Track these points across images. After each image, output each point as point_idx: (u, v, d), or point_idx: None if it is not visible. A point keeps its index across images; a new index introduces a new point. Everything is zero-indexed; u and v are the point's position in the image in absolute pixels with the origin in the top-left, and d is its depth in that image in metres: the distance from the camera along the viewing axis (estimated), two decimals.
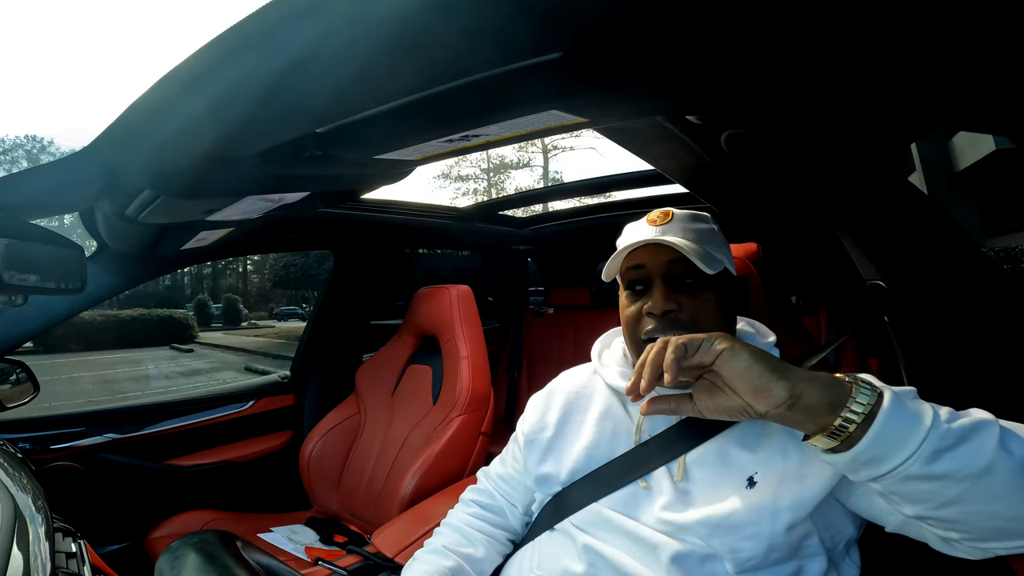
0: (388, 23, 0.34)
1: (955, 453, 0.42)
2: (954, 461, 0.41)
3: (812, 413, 0.45)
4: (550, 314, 2.34)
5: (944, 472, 0.41)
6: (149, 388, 8.87)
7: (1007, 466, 0.41)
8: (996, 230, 7.98)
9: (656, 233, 0.63)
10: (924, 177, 8.42)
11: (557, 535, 0.67)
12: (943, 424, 0.43)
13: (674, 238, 0.61)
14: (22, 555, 0.52)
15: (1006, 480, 0.41)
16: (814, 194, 0.71)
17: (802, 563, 0.55)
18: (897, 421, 0.42)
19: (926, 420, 0.42)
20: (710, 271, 0.60)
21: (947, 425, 0.43)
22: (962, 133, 7.41)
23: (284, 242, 1.65)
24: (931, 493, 0.43)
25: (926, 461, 0.41)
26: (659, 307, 0.61)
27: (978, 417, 0.44)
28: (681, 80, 0.42)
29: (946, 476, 0.42)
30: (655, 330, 0.61)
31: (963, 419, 0.44)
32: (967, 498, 0.42)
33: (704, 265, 0.59)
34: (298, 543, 1.26)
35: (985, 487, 0.41)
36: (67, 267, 0.66)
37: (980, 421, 0.44)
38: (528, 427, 0.74)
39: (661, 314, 0.61)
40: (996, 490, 0.42)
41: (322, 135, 0.57)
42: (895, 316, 0.74)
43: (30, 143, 24.98)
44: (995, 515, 0.43)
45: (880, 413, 0.43)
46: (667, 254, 0.62)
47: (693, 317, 0.61)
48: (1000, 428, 0.43)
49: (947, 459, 0.41)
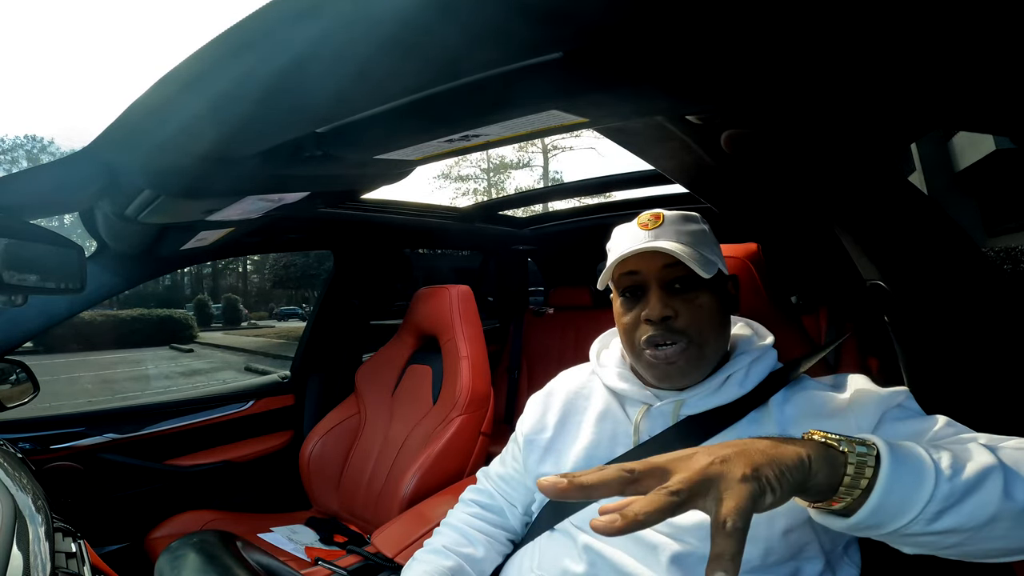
0: (388, 23, 0.34)
1: (959, 510, 0.40)
2: (957, 518, 0.40)
3: (813, 497, 0.41)
4: (550, 314, 2.34)
5: (947, 528, 0.40)
6: (149, 388, 8.86)
7: (1011, 512, 0.40)
8: (996, 230, 7.98)
9: (649, 238, 0.63)
10: (924, 177, 8.42)
11: (557, 535, 0.67)
12: (945, 483, 0.40)
13: (668, 243, 0.61)
14: (22, 555, 0.52)
15: (1009, 525, 0.40)
16: (814, 194, 0.71)
17: (799, 564, 0.55)
18: (899, 486, 0.39)
19: (929, 480, 0.40)
20: (707, 275, 0.60)
21: (950, 484, 0.40)
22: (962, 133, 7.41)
23: (284, 242, 1.65)
24: (932, 543, 0.42)
25: (928, 521, 0.40)
26: (656, 314, 0.60)
27: (982, 463, 0.42)
28: (681, 80, 0.42)
29: (949, 531, 0.40)
30: (654, 337, 0.61)
31: (967, 470, 0.41)
32: (969, 543, 0.41)
33: (701, 270, 0.59)
34: (298, 543, 1.26)
35: (988, 533, 0.40)
36: (67, 267, 0.66)
37: (984, 469, 0.41)
38: (527, 428, 0.74)
39: (658, 320, 0.61)
40: (999, 533, 0.41)
41: (322, 135, 0.57)
42: (895, 316, 0.74)
43: (30, 143, 24.99)
44: (997, 551, 0.42)
45: (879, 481, 0.39)
46: (661, 259, 0.61)
47: (689, 322, 0.61)
48: (1004, 474, 0.41)
49: (950, 516, 0.40)
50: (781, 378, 0.63)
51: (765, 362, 0.64)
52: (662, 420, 0.64)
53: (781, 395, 0.62)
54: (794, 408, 0.60)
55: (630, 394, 0.66)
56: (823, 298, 1.57)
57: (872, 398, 0.56)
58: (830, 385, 0.62)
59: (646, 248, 0.61)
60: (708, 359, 0.63)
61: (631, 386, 0.66)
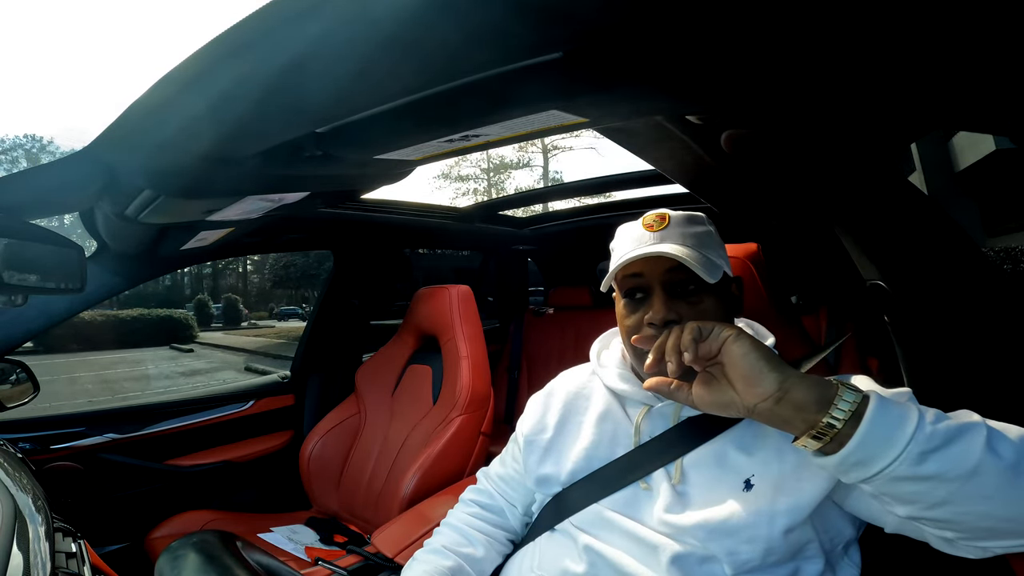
0: (388, 23, 0.34)
1: (942, 454, 0.42)
2: (942, 462, 0.42)
3: (799, 409, 0.46)
4: (550, 314, 2.34)
5: (932, 473, 0.42)
6: (149, 388, 8.86)
7: (995, 467, 0.42)
8: (996, 230, 7.98)
9: (654, 239, 0.62)
10: (924, 177, 8.42)
11: (558, 535, 0.67)
12: (928, 425, 0.44)
13: (673, 245, 0.60)
14: (22, 555, 0.52)
15: (995, 481, 0.42)
16: (814, 194, 0.71)
17: (799, 564, 0.55)
18: (883, 422, 0.44)
19: (912, 421, 0.44)
20: (712, 280, 0.59)
21: (932, 426, 0.44)
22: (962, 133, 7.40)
23: (284, 242, 1.65)
24: (921, 494, 0.44)
25: (914, 462, 0.42)
26: (660, 317, 0.59)
27: (965, 419, 0.45)
28: (681, 80, 0.42)
29: (934, 477, 0.43)
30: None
31: (949, 421, 0.45)
32: (957, 499, 0.43)
33: (706, 275, 0.58)
34: (298, 543, 1.26)
35: (974, 488, 0.42)
36: (67, 267, 0.66)
37: (967, 423, 0.44)
38: (527, 428, 0.74)
39: (662, 324, 0.60)
40: (986, 491, 0.42)
41: (322, 135, 0.57)
42: (895, 316, 0.74)
43: (30, 142, 24.99)
44: (987, 515, 0.43)
45: (867, 414, 0.44)
46: (666, 262, 0.61)
47: None
48: (987, 430, 0.44)
49: (935, 460, 0.42)
50: None
51: None
52: (662, 421, 0.64)
53: None
54: None
55: (631, 395, 0.66)
56: (823, 298, 1.57)
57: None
58: None
59: (651, 253, 0.60)
60: None
61: (632, 387, 0.66)
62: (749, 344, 0.49)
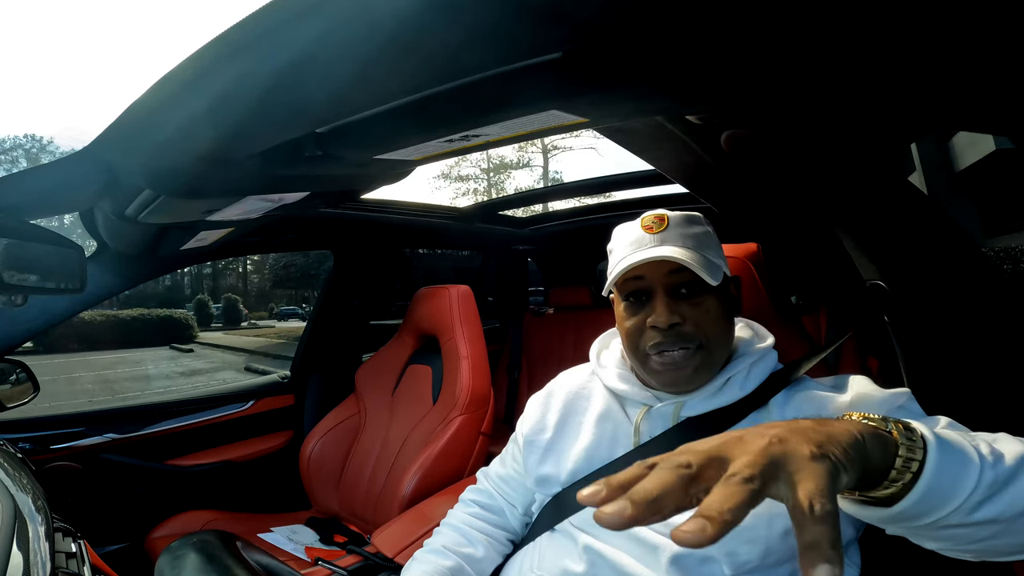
0: (388, 23, 0.34)
1: (999, 498, 0.38)
2: (997, 507, 0.38)
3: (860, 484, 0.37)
4: (550, 314, 2.34)
5: (986, 519, 0.38)
6: (149, 388, 8.86)
7: None
8: (996, 230, 7.97)
9: (654, 241, 0.62)
10: (924, 177, 8.42)
11: (558, 535, 0.67)
12: (990, 470, 0.38)
13: (674, 248, 0.60)
14: (22, 555, 0.52)
15: None
16: (814, 194, 0.71)
17: (798, 565, 0.55)
18: (947, 474, 0.37)
19: (974, 468, 0.38)
20: (715, 282, 0.59)
21: (994, 471, 0.38)
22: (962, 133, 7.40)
23: (284, 242, 1.65)
24: (964, 536, 0.39)
25: (970, 511, 0.38)
26: (664, 320, 0.59)
27: (1016, 453, 0.40)
28: (681, 80, 0.42)
29: (987, 522, 0.38)
30: (660, 343, 0.60)
31: (1006, 458, 0.39)
32: (999, 535, 0.39)
33: (709, 277, 0.58)
34: (298, 543, 1.26)
35: (1019, 525, 0.39)
36: (67, 267, 0.66)
37: (1020, 458, 0.40)
38: (527, 428, 0.74)
39: (667, 327, 0.60)
40: None
41: (322, 135, 0.57)
42: (895, 316, 0.74)
43: (30, 142, 24.98)
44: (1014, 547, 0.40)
45: (927, 467, 0.36)
46: (667, 264, 0.61)
47: (697, 327, 0.60)
48: None
49: (990, 505, 0.38)
50: (782, 379, 0.63)
51: (766, 363, 0.64)
52: (662, 421, 0.64)
53: (782, 396, 0.62)
54: (795, 410, 0.60)
55: (630, 395, 0.66)
56: (823, 298, 1.57)
57: (874, 400, 0.56)
58: (831, 386, 0.62)
59: (654, 257, 0.60)
60: (716, 362, 0.62)
61: (631, 387, 0.66)
62: (831, 479, 0.31)
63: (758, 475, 0.30)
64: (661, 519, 0.29)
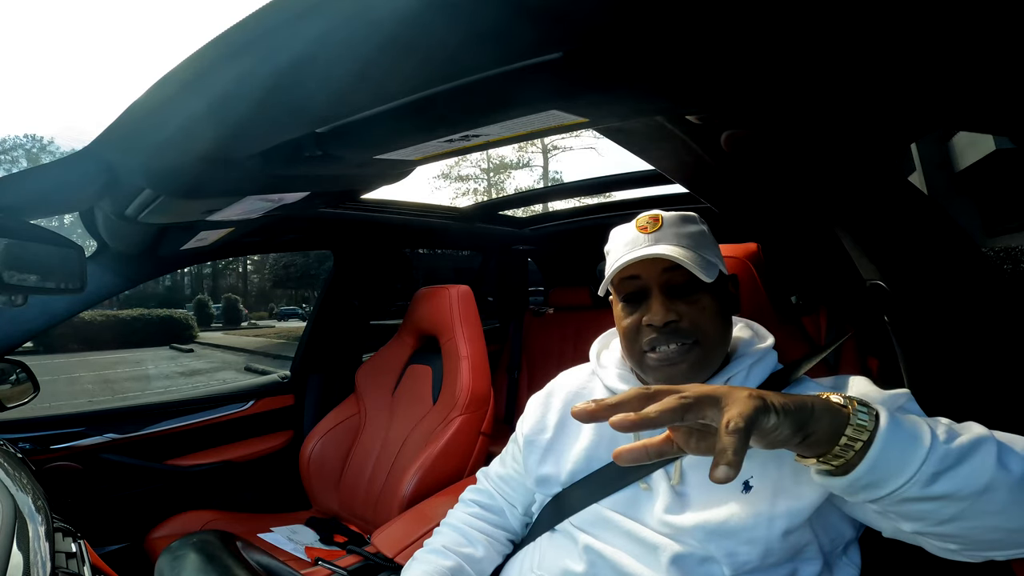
0: (388, 23, 0.34)
1: (954, 473, 0.41)
2: (953, 482, 0.41)
3: (813, 447, 0.43)
4: (550, 314, 2.34)
5: (943, 493, 0.41)
6: (149, 388, 8.86)
7: (1006, 483, 0.41)
8: (996, 230, 7.97)
9: (648, 241, 0.63)
10: (924, 177, 8.42)
11: (558, 536, 0.67)
12: (941, 445, 0.42)
13: (668, 246, 0.61)
14: (22, 555, 0.52)
15: (1005, 496, 0.41)
16: (814, 194, 0.71)
17: (798, 565, 0.55)
18: (895, 445, 0.41)
19: (924, 442, 0.41)
20: (709, 279, 0.59)
21: (945, 446, 0.42)
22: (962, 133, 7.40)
23: (284, 242, 1.65)
24: (929, 512, 0.42)
25: (925, 483, 0.41)
26: (660, 319, 0.60)
27: (976, 434, 0.44)
28: (681, 80, 0.42)
29: (945, 496, 0.41)
30: (656, 340, 0.61)
31: (961, 438, 0.43)
32: (966, 515, 0.42)
33: (703, 274, 0.59)
34: (298, 543, 1.26)
35: (984, 504, 0.41)
36: (67, 267, 0.66)
37: (978, 438, 0.43)
38: (528, 428, 0.74)
39: (662, 325, 0.60)
40: (995, 507, 0.41)
41: (322, 135, 0.57)
42: (895, 316, 0.74)
43: (30, 142, 24.97)
44: (994, 529, 0.42)
45: (877, 438, 0.41)
46: (662, 262, 0.61)
47: (694, 324, 0.60)
48: (998, 444, 0.43)
49: (946, 480, 0.41)
50: (782, 380, 0.63)
51: (766, 364, 0.64)
52: None
53: None
54: None
55: None
56: (823, 298, 1.57)
57: (873, 401, 0.56)
58: (830, 387, 0.62)
59: (647, 255, 0.60)
60: (712, 360, 0.62)
61: (631, 387, 0.66)
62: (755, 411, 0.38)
63: (693, 396, 0.40)
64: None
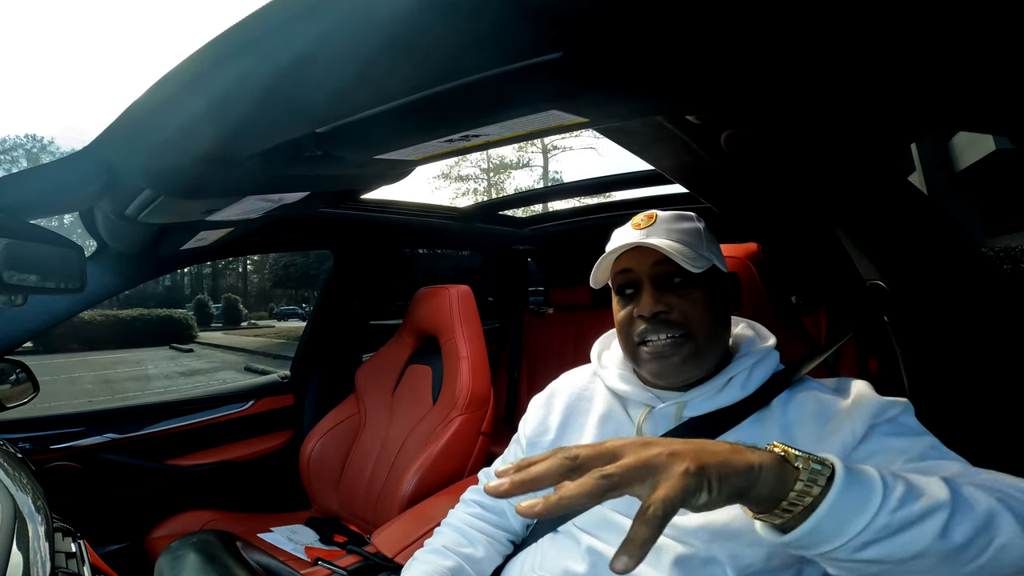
0: (388, 23, 0.34)
1: (888, 542, 0.39)
2: (885, 549, 0.39)
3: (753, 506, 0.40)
4: (550, 314, 2.34)
5: (871, 558, 0.39)
6: (149, 388, 8.86)
7: (939, 552, 0.39)
8: (996, 230, 7.97)
9: (640, 236, 0.64)
10: (924, 177, 8.42)
11: (560, 537, 0.67)
12: (886, 515, 0.39)
13: (658, 240, 0.62)
14: (22, 555, 0.52)
15: (933, 562, 0.39)
16: (814, 194, 0.71)
17: (802, 568, 0.55)
18: (837, 513, 0.38)
19: (869, 511, 0.38)
20: (695, 269, 0.60)
21: (889, 516, 0.39)
22: (962, 133, 7.40)
23: (284, 242, 1.65)
24: (855, 569, 0.41)
25: (855, 549, 0.39)
26: (648, 309, 0.62)
27: (932, 498, 0.40)
28: (680, 80, 0.42)
29: (873, 561, 0.39)
30: (646, 331, 0.62)
31: (914, 506, 0.39)
32: (889, 573, 0.40)
33: (688, 264, 0.60)
34: (298, 543, 1.26)
35: (909, 568, 0.39)
36: (67, 267, 0.66)
37: (932, 506, 0.40)
38: (530, 429, 0.74)
39: (651, 316, 0.62)
40: (920, 569, 0.39)
41: (322, 135, 0.57)
42: (895, 316, 0.74)
43: (30, 142, 24.97)
44: None
45: (820, 507, 0.38)
46: (653, 256, 0.63)
47: (684, 316, 0.61)
48: (950, 512, 0.40)
49: (878, 548, 0.39)
50: (783, 380, 0.63)
51: (767, 364, 0.64)
52: (664, 422, 0.64)
53: (784, 397, 0.62)
54: (796, 410, 0.60)
55: (632, 395, 0.66)
56: (823, 298, 1.57)
57: (868, 408, 0.56)
58: (832, 388, 0.62)
59: (633, 244, 0.62)
60: (705, 355, 0.63)
61: (633, 387, 0.66)
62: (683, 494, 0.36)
63: (619, 475, 0.36)
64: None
